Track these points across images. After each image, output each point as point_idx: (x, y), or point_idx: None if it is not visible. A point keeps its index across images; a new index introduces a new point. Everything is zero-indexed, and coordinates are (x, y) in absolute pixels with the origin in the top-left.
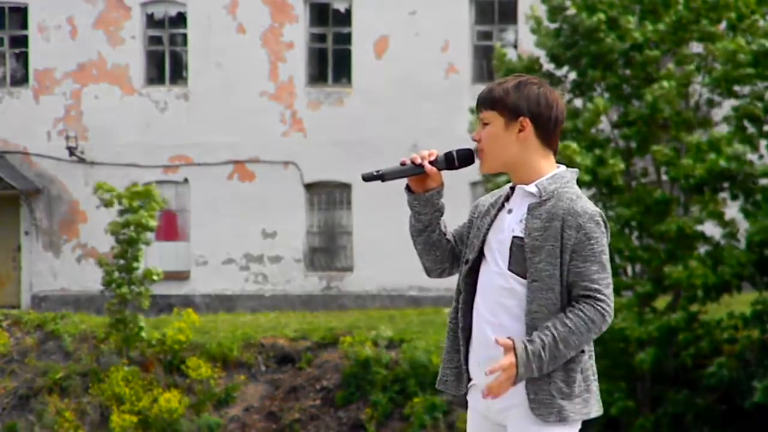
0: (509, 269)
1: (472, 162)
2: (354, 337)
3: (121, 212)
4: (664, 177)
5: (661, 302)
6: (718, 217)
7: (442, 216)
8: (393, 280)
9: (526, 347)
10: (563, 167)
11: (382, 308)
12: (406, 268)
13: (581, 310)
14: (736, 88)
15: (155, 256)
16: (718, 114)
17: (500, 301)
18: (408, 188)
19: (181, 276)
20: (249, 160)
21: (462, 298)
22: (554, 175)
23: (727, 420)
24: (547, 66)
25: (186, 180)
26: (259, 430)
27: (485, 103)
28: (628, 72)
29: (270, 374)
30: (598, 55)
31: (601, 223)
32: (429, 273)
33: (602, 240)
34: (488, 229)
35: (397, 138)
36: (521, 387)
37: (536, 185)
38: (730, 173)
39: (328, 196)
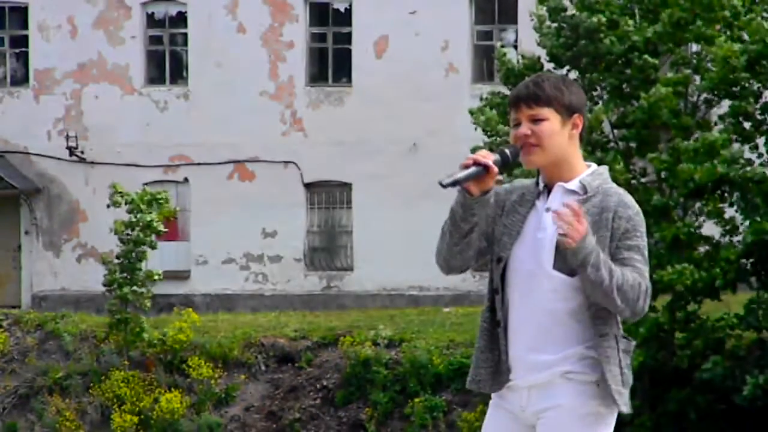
0: (554, 268)
1: (518, 158)
2: (354, 337)
3: (129, 212)
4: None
5: (661, 301)
6: (718, 216)
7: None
8: (393, 279)
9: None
10: (594, 164)
11: (382, 308)
12: (406, 268)
13: (630, 270)
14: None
15: (155, 256)
16: (716, 115)
17: (545, 304)
18: (466, 191)
19: (181, 276)
20: (249, 159)
21: (499, 297)
22: (593, 172)
23: (727, 419)
24: (548, 66)
25: (186, 180)
26: (259, 429)
27: (539, 99)
28: (628, 71)
29: (270, 374)
30: (597, 56)
31: (644, 221)
32: (451, 271)
33: (644, 237)
34: (521, 228)
35: (397, 138)
36: (564, 390)
37: (580, 181)
38: (729, 178)
39: (328, 195)
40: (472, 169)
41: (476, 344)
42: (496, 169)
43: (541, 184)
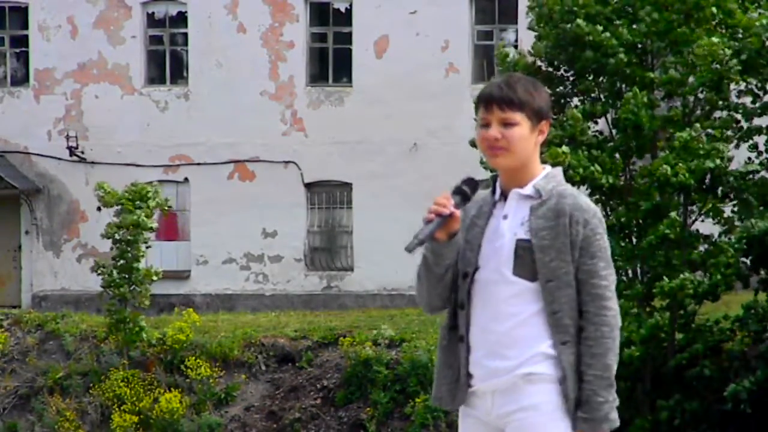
0: (514, 274)
1: (478, 187)
2: (354, 337)
3: (118, 213)
4: None
5: (660, 301)
6: (717, 215)
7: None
8: (393, 279)
9: (592, 417)
10: (548, 166)
11: (382, 308)
12: (406, 268)
13: (598, 328)
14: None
15: (155, 256)
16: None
17: (506, 309)
18: (434, 239)
19: (181, 275)
20: (249, 159)
21: (464, 312)
22: (547, 175)
23: (725, 421)
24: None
25: (186, 179)
26: (259, 429)
27: (511, 103)
28: (614, 78)
29: (270, 374)
30: (585, 60)
31: (600, 217)
32: (434, 311)
33: (604, 234)
34: (481, 240)
35: (397, 138)
36: (528, 391)
37: (533, 186)
38: (719, 172)
39: (328, 195)
40: (436, 221)
41: (436, 362)
42: (457, 212)
43: (498, 192)
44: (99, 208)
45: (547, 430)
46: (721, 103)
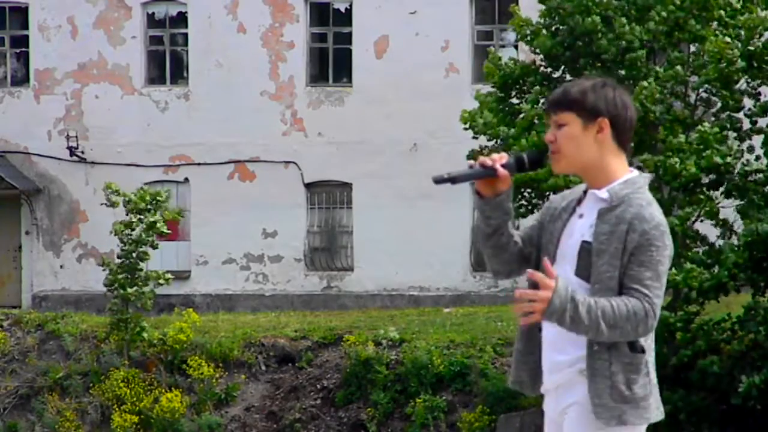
0: (575, 274)
1: (542, 165)
2: (355, 337)
3: (128, 212)
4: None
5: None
6: (713, 216)
7: (510, 219)
8: (393, 279)
9: (567, 288)
10: (636, 171)
11: (382, 308)
12: (406, 268)
13: (626, 299)
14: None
15: (156, 256)
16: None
17: None
18: (477, 193)
19: (181, 276)
20: (249, 159)
21: None
22: (627, 180)
23: (726, 419)
24: (544, 68)
25: (186, 180)
26: (259, 429)
27: (561, 104)
28: (623, 72)
29: (270, 374)
30: (595, 56)
31: (666, 233)
32: (496, 275)
33: (663, 251)
34: (561, 234)
35: (397, 138)
36: (582, 387)
37: (608, 191)
38: (727, 169)
39: (328, 195)
40: (476, 170)
41: (516, 346)
42: (503, 171)
43: (584, 191)
44: (107, 205)
45: (590, 426)
46: (732, 103)
